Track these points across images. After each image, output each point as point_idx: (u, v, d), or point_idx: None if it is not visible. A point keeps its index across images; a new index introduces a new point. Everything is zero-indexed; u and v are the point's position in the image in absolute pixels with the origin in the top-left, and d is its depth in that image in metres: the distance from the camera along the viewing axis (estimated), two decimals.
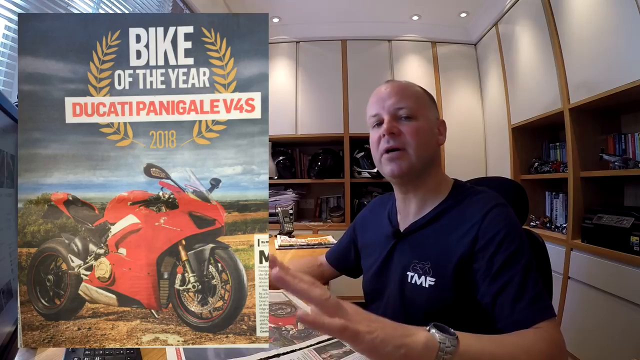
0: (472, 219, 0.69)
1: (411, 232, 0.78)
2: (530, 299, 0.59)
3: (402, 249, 0.79)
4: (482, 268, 0.65)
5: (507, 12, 2.53)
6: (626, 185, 1.90)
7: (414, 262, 0.74)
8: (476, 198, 0.74)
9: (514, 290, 0.60)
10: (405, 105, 0.74)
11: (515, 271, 0.62)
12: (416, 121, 0.74)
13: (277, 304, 0.86)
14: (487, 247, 0.65)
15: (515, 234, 0.66)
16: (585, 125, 1.91)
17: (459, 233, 0.70)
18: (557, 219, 2.23)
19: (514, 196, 1.01)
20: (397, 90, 0.76)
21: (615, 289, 1.55)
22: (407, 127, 0.74)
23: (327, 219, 3.10)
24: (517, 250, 0.64)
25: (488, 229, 0.67)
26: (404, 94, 0.76)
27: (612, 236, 1.57)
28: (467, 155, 3.00)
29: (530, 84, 2.30)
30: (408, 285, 0.74)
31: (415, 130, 0.73)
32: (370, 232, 0.93)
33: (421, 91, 0.80)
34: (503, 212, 0.69)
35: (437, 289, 0.70)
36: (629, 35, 1.50)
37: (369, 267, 0.89)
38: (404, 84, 0.79)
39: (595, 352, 1.64)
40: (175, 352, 0.55)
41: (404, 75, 3.04)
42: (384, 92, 0.77)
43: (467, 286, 0.68)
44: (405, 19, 3.03)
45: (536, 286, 0.61)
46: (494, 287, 0.62)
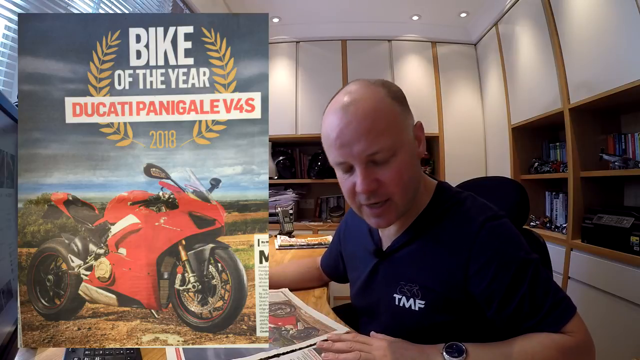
0: (460, 239, 0.62)
1: (394, 251, 0.71)
2: (545, 313, 0.57)
3: (386, 268, 0.72)
4: (484, 295, 0.60)
5: (507, 12, 2.53)
6: (626, 185, 1.90)
7: (401, 284, 0.68)
8: (462, 210, 0.66)
9: (532, 306, 0.57)
10: (379, 148, 0.58)
11: (525, 289, 0.57)
12: (395, 159, 0.59)
13: (276, 304, 0.85)
14: (483, 272, 0.59)
15: (514, 248, 0.61)
16: (585, 125, 1.91)
17: (447, 254, 0.63)
18: (557, 219, 2.23)
19: (514, 196, 1.01)
20: (364, 128, 0.58)
21: (615, 289, 1.55)
22: (387, 173, 0.60)
23: (327, 219, 3.10)
24: (519, 269, 0.58)
25: (480, 252, 0.60)
26: (375, 131, 0.58)
27: (612, 236, 1.56)
28: (467, 155, 3.00)
29: (530, 84, 2.30)
30: (397, 309, 0.68)
31: (398, 175, 0.60)
32: (352, 242, 0.86)
33: (390, 105, 0.60)
34: (494, 228, 0.62)
35: (428, 312, 0.65)
36: (629, 35, 1.50)
37: (354, 281, 0.84)
38: (370, 110, 0.58)
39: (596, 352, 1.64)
40: (175, 352, 0.55)
41: (404, 75, 3.05)
42: (346, 133, 0.58)
43: (466, 308, 0.63)
44: (405, 19, 3.03)
45: (548, 294, 0.58)
46: (503, 314, 0.59)
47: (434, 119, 3.02)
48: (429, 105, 3.03)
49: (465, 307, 0.64)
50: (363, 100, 0.60)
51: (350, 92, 0.62)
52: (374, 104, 0.60)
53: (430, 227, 0.67)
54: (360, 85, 0.63)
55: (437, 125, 3.02)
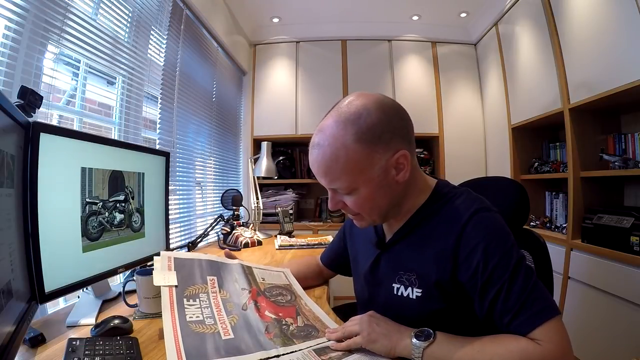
0: (452, 228, 0.66)
1: (395, 243, 0.76)
2: (520, 308, 0.57)
3: (387, 259, 0.77)
4: (470, 282, 0.62)
5: (507, 12, 2.53)
6: (626, 185, 1.90)
7: (400, 274, 0.72)
8: (457, 203, 0.69)
9: (505, 301, 0.58)
10: (337, 186, 0.67)
11: (504, 280, 0.59)
12: (356, 193, 0.67)
13: (277, 287, 0.85)
14: (470, 258, 0.62)
15: (499, 240, 0.62)
16: (585, 125, 1.91)
17: (441, 243, 0.67)
18: (557, 219, 2.23)
19: (514, 196, 1.01)
20: (322, 172, 0.67)
21: (615, 289, 1.55)
22: (349, 201, 0.69)
23: (327, 219, 3.10)
24: (502, 258, 0.60)
25: (469, 238, 0.63)
26: (331, 175, 0.66)
27: (612, 236, 1.57)
28: (467, 155, 3.00)
29: (530, 84, 2.30)
30: (395, 297, 0.72)
31: (356, 205, 0.69)
32: (358, 237, 0.91)
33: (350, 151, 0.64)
34: (483, 219, 0.65)
35: (424, 300, 0.68)
36: (629, 35, 1.50)
37: (357, 273, 0.87)
38: (327, 158, 0.65)
39: (595, 352, 1.64)
40: (175, 352, 0.55)
41: (404, 75, 3.05)
42: (314, 168, 0.69)
43: (458, 297, 0.66)
44: (405, 19, 3.03)
45: (526, 289, 0.58)
46: (485, 300, 0.61)
47: (434, 119, 3.02)
48: (429, 105, 3.03)
49: (457, 297, 0.66)
50: (325, 146, 0.65)
51: (322, 129, 0.67)
52: (333, 152, 0.65)
53: (428, 220, 0.71)
54: (333, 122, 0.66)
55: (437, 125, 3.02)
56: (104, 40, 1.33)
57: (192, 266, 0.76)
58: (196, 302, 0.67)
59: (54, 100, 1.12)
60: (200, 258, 0.79)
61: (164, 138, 1.78)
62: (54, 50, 1.11)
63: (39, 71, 1.03)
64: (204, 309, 0.66)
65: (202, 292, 0.70)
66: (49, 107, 1.09)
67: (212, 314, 0.66)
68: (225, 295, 0.72)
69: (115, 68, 1.41)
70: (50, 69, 1.08)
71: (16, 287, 0.57)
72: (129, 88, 1.52)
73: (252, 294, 0.76)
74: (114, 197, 0.94)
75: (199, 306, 0.67)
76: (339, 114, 0.66)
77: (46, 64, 1.06)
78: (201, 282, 0.73)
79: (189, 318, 0.62)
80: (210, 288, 0.72)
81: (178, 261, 0.74)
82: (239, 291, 0.76)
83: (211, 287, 0.73)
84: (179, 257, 0.76)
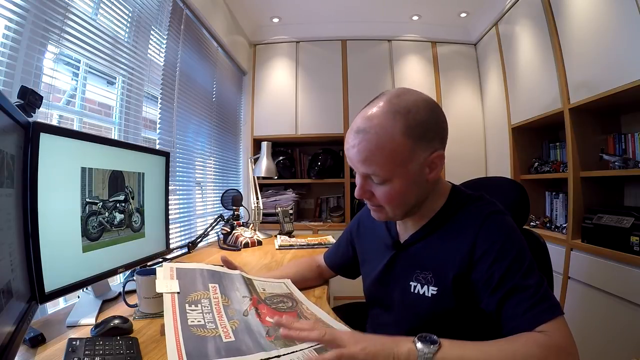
0: (469, 229, 0.69)
1: (412, 244, 0.78)
2: (532, 304, 0.59)
3: (403, 259, 0.79)
4: (483, 278, 0.64)
5: (507, 12, 2.53)
6: (626, 185, 1.90)
7: (417, 272, 0.75)
8: (473, 207, 0.73)
9: (516, 298, 0.60)
10: (373, 172, 0.67)
11: (516, 279, 0.61)
12: (390, 184, 0.68)
13: (279, 296, 0.85)
14: (485, 257, 0.65)
15: (513, 241, 0.65)
16: (585, 125, 1.90)
17: (457, 243, 0.69)
18: (557, 219, 2.23)
19: (515, 196, 1.00)
20: (364, 157, 0.66)
21: (615, 289, 1.55)
22: (379, 191, 0.69)
23: (327, 219, 3.09)
24: (516, 257, 0.63)
25: (485, 238, 0.66)
26: (371, 161, 0.66)
27: (612, 236, 1.56)
28: (467, 155, 3.00)
29: (530, 84, 2.30)
30: (411, 295, 0.74)
31: (387, 196, 0.69)
32: (368, 238, 0.92)
33: (396, 143, 0.65)
34: (498, 220, 0.68)
35: (439, 298, 0.70)
36: (629, 35, 1.50)
37: (368, 273, 0.88)
38: (373, 145, 0.65)
39: (595, 352, 1.64)
40: (176, 351, 0.55)
41: (404, 75, 3.05)
42: (352, 153, 0.68)
43: (468, 295, 0.68)
44: (405, 19, 3.03)
45: (539, 289, 0.60)
46: (495, 297, 0.62)
47: None
48: None
49: (467, 296, 0.67)
50: (371, 133, 0.65)
51: (370, 117, 0.67)
52: (380, 140, 0.65)
53: (445, 222, 0.74)
54: (382, 112, 0.66)
55: None
56: (104, 40, 1.33)
57: (194, 275, 0.77)
58: (198, 307, 0.67)
59: (54, 100, 1.12)
60: (202, 268, 0.80)
61: (164, 138, 1.78)
62: (54, 50, 1.11)
63: (39, 71, 1.03)
64: (206, 314, 0.66)
65: (204, 298, 0.71)
66: (49, 107, 1.09)
67: (214, 318, 0.66)
68: (226, 302, 0.73)
69: (115, 68, 1.41)
70: (50, 69, 1.08)
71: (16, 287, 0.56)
72: (129, 88, 1.52)
73: (252, 301, 0.76)
74: (114, 197, 0.94)
75: (201, 311, 0.67)
76: (390, 105, 0.66)
77: (46, 64, 1.06)
78: (203, 289, 0.73)
79: (191, 322, 0.63)
80: (212, 294, 0.73)
81: (180, 271, 0.75)
82: (240, 299, 0.76)
83: (213, 293, 0.73)
84: (181, 267, 0.77)
